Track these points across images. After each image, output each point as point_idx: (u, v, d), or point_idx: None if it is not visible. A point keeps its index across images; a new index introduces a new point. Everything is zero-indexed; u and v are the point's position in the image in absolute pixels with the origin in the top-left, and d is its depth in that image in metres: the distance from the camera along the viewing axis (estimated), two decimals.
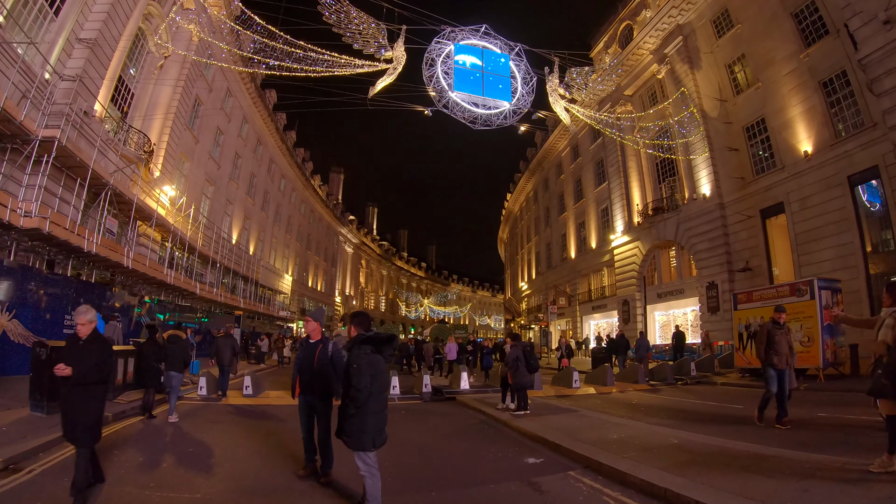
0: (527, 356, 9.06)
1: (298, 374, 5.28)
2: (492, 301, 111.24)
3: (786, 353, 7.70)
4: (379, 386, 3.95)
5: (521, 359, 8.96)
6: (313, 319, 5.50)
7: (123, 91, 20.37)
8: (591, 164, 35.93)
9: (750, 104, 21.76)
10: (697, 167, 24.71)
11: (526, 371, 8.97)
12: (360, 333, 4.16)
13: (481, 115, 15.42)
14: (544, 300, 42.88)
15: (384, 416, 4.08)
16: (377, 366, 3.95)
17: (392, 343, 4.17)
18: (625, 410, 9.86)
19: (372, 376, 3.88)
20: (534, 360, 9.16)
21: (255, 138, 35.46)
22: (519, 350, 9.12)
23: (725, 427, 7.64)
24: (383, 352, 4.06)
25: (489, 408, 9.76)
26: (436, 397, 12.09)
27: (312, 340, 5.39)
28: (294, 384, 5.33)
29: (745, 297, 15.96)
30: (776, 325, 7.92)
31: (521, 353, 9.04)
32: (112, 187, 15.86)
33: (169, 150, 22.43)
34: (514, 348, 9.17)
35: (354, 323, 4.34)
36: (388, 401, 11.36)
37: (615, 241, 31.06)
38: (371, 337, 4.06)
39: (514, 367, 8.96)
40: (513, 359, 9.00)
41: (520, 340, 9.60)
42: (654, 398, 11.96)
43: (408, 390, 12.89)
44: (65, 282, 13.36)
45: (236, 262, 28.92)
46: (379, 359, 4.00)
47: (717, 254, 23.22)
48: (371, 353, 3.97)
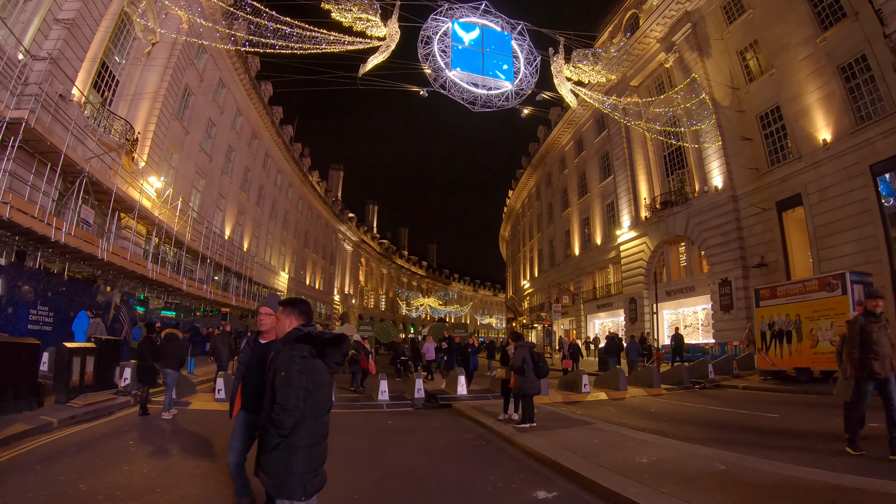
0: (535, 358, 7.84)
1: (241, 385, 3.86)
2: (493, 300, 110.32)
3: (889, 355, 5.53)
4: (316, 405, 2.74)
5: (529, 361, 7.74)
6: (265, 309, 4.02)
7: (107, 77, 19.36)
8: (595, 158, 34.87)
9: (764, 92, 20.84)
10: (708, 158, 23.74)
11: (534, 376, 7.75)
12: (298, 328, 2.95)
13: (481, 95, 14.33)
14: (547, 299, 41.85)
15: (321, 449, 2.81)
16: (316, 376, 2.74)
17: (341, 346, 2.92)
18: (646, 421, 8.77)
19: (307, 391, 2.69)
20: (543, 362, 7.90)
21: (249, 131, 34.43)
22: (525, 351, 7.89)
23: (773, 443, 6.54)
24: (327, 357, 2.83)
25: (489, 418, 8.65)
26: (429, 404, 10.97)
27: (264, 340, 3.94)
28: (233, 398, 3.90)
29: (767, 292, 14.85)
30: (871, 317, 5.76)
31: (528, 355, 7.81)
32: (88, 175, 14.86)
33: (156, 141, 21.41)
34: (520, 349, 7.96)
35: (289, 310, 3.13)
36: (377, 408, 10.09)
37: (621, 237, 30.00)
38: (311, 335, 2.83)
39: (520, 370, 7.76)
40: (520, 361, 7.76)
41: (523, 340, 8.42)
42: (675, 405, 10.87)
43: (398, 396, 11.80)
44: (29, 274, 12.32)
45: (228, 258, 27.90)
46: (319, 366, 2.79)
47: (731, 249, 22.23)
48: (309, 358, 2.75)
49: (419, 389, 11.16)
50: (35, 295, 12.16)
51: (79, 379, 8.86)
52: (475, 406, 10.12)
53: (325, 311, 56.49)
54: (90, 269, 15.84)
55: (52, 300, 12.66)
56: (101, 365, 9.92)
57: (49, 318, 12.44)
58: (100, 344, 10.02)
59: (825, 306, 12.23)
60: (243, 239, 33.57)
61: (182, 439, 7.17)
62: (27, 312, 11.83)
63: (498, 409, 9.09)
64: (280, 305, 3.23)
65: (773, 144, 20.56)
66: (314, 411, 2.72)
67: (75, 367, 8.75)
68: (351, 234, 65.55)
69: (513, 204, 59.65)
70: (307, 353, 2.74)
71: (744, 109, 22.01)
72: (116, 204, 17.13)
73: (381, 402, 10.97)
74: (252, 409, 3.71)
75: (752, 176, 21.32)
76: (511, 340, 8.87)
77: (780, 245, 20.21)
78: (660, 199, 27.11)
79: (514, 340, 8.57)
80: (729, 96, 22.70)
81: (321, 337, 2.84)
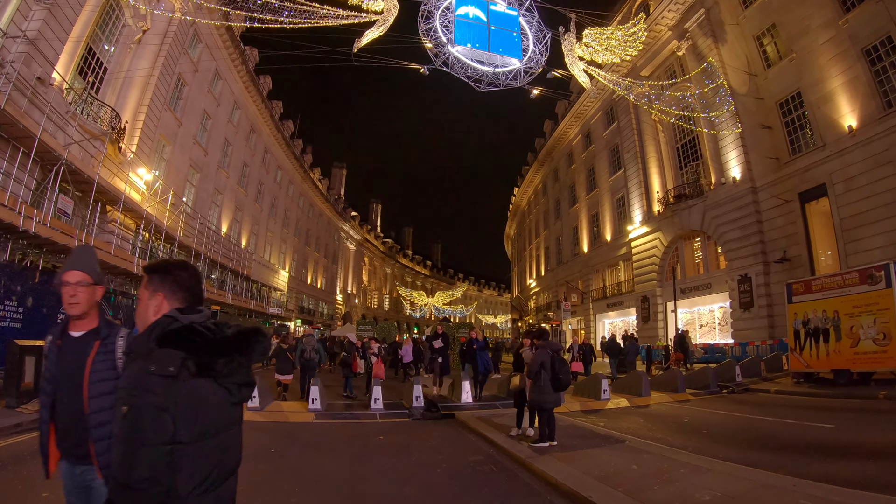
0: (555, 364, 6.38)
1: (51, 416, 2.20)
2: (498, 300, 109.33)
3: None
4: (205, 469, 1.35)
5: (548, 367, 6.36)
6: (75, 274, 2.24)
7: (94, 64, 18.40)
8: (604, 152, 33.72)
9: (783, 77, 19.87)
10: (725, 148, 22.68)
11: (550, 387, 6.36)
12: (169, 316, 1.50)
13: (487, 73, 13.22)
14: (554, 297, 40.71)
15: None
16: (199, 412, 1.35)
17: (248, 352, 1.48)
18: (684, 436, 7.54)
19: (180, 445, 1.30)
20: (565, 373, 6.42)
21: (247, 125, 33.48)
22: (547, 354, 6.46)
23: (849, 465, 5.39)
24: (220, 374, 1.41)
25: (499, 434, 7.27)
26: (429, 414, 9.66)
27: (77, 332, 2.27)
28: (46, 442, 2.22)
29: (801, 287, 13.67)
30: None
31: (548, 359, 6.42)
32: (66, 162, 13.86)
33: (146, 131, 20.45)
34: (542, 351, 6.55)
35: (157, 283, 1.64)
36: (369, 418, 8.37)
37: (633, 233, 28.84)
38: (189, 332, 1.44)
39: (536, 377, 6.43)
40: (537, 366, 6.40)
41: (547, 339, 6.91)
42: (709, 414, 9.66)
43: (394, 404, 10.50)
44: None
45: (225, 256, 26.93)
46: (206, 393, 1.38)
47: (750, 243, 21.16)
48: (184, 377, 1.34)
49: (418, 396, 9.93)
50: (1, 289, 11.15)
51: (33, 381, 7.83)
52: (482, 417, 8.78)
53: (328, 311, 55.53)
54: (59, 258, 14.84)
55: (21, 295, 11.64)
56: None
57: (18, 314, 11.41)
58: None
59: (867, 301, 11.08)
60: (241, 236, 32.61)
61: None
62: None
63: (509, 422, 7.88)
64: (145, 273, 1.72)
65: (795, 133, 19.60)
66: (202, 479, 1.34)
67: (28, 367, 7.72)
68: (354, 233, 64.57)
69: (518, 201, 58.51)
70: (179, 368, 1.33)
71: (762, 97, 21.01)
72: (100, 195, 16.16)
73: (374, 410, 9.79)
74: (78, 455, 2.17)
75: (773, 166, 20.31)
76: (527, 340, 7.57)
77: (803, 238, 19.21)
78: (673, 192, 25.97)
79: (534, 339, 7.26)
80: (746, 83, 21.67)
81: (211, 335, 1.44)
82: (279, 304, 37.80)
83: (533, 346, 7.21)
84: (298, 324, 43.97)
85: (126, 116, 19.23)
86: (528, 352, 7.24)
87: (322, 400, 9.71)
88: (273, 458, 6.06)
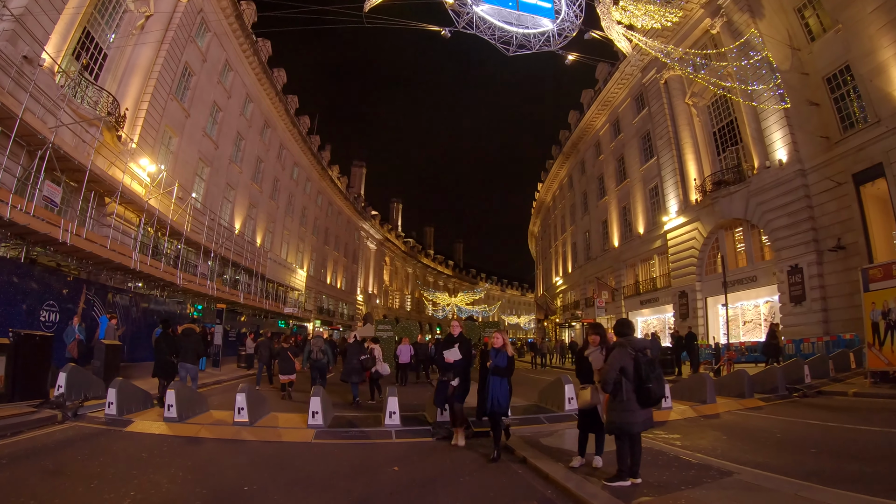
0: (641, 370, 4.48)
1: None
2: (521, 300, 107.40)
3: None
4: None
5: (630, 374, 4.51)
6: None
7: (92, 49, 17.42)
8: (635, 140, 31.70)
9: (829, 50, 18.08)
10: (769, 129, 20.70)
11: (635, 402, 4.51)
12: None
13: (516, 35, 11.59)
14: (583, 295, 38.76)
15: None
16: None
17: None
18: (792, 457, 5.68)
19: None
20: (656, 378, 4.48)
21: (261, 120, 32.45)
22: (628, 356, 4.55)
23: None
24: None
25: (556, 466, 5.30)
26: None
27: None
28: None
29: (881, 272, 11.65)
30: None
31: (630, 363, 4.53)
32: (54, 146, 12.73)
33: (149, 120, 19.41)
34: (620, 352, 4.64)
35: None
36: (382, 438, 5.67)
37: (669, 224, 26.79)
38: None
39: (614, 389, 4.57)
40: (615, 372, 4.53)
41: (630, 331, 4.94)
42: (797, 425, 7.76)
43: (413, 417, 8.40)
44: None
45: (238, 253, 25.85)
46: None
47: (800, 231, 19.16)
48: None
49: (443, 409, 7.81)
50: None
51: None
52: (527, 437, 6.82)
53: (348, 312, 54.46)
54: (57, 255, 13.73)
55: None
56: (21, 368, 7.64)
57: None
58: (17, 340, 7.68)
59: None
60: (255, 233, 31.56)
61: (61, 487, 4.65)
62: None
63: (561, 443, 6.11)
64: None
65: (845, 109, 17.75)
66: None
67: None
68: (374, 232, 63.44)
69: (542, 197, 56.51)
70: None
71: (807, 72, 19.05)
72: (95, 185, 15.12)
73: (388, 427, 7.64)
74: None
75: (822, 146, 18.38)
76: (595, 337, 5.45)
77: (859, 224, 17.24)
78: (711, 179, 23.92)
79: (600, 334, 5.42)
80: (789, 58, 19.75)
81: None
82: (297, 305, 36.73)
83: (603, 345, 5.30)
84: (317, 324, 42.90)
85: (127, 104, 18.21)
86: (598, 354, 5.26)
87: (325, 413, 7.77)
88: None
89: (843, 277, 17.21)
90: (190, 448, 6.34)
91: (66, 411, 7.71)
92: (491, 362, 6.03)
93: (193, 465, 5.54)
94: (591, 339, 5.48)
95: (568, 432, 6.92)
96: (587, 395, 5.28)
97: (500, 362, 5.98)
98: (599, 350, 5.30)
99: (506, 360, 6.01)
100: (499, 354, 6.04)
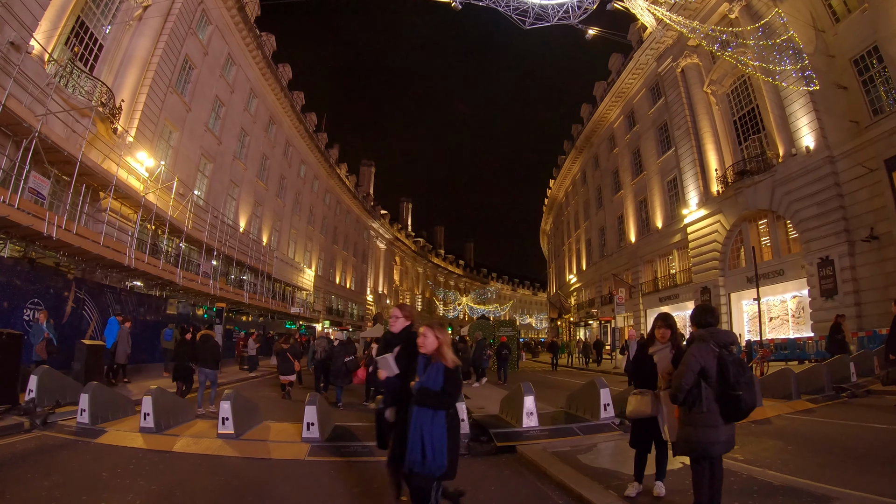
0: (727, 373, 3.36)
1: None
2: (533, 299, 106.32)
3: None
4: None
5: (713, 378, 3.40)
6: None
7: (87, 39, 16.76)
8: (651, 131, 30.55)
9: (855, 31, 17.15)
10: (794, 115, 19.64)
11: (719, 415, 3.41)
12: None
13: (533, 5, 10.67)
14: (598, 293, 37.63)
15: None
16: None
17: None
18: (877, 470, 4.72)
19: None
20: (745, 382, 3.34)
21: (266, 116, 31.75)
22: (711, 354, 3.44)
23: None
24: None
25: (605, 495, 4.25)
26: (477, 447, 6.33)
27: None
28: None
29: None
30: None
31: (713, 363, 3.42)
32: (41, 136, 12.00)
33: (147, 113, 18.74)
34: (701, 349, 3.48)
35: None
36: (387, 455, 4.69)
37: (689, 217, 25.63)
38: None
39: (691, 399, 3.42)
40: (692, 378, 3.41)
41: (713, 319, 3.70)
42: (863, 430, 6.71)
43: None
44: None
45: (242, 252, 25.12)
46: None
47: (831, 220, 18.09)
48: None
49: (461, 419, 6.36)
50: None
51: None
52: (562, 454, 5.60)
53: (358, 312, 53.74)
54: (48, 252, 13.01)
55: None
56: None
57: None
58: None
59: None
60: (261, 232, 30.84)
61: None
62: None
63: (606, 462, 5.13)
64: None
65: (874, 92, 16.78)
66: None
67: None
68: (384, 231, 62.69)
69: (555, 193, 55.34)
70: None
71: (833, 54, 18.02)
72: (87, 178, 14.37)
73: None
74: None
75: (851, 131, 17.33)
76: (665, 331, 4.22)
77: (893, 212, 16.21)
78: (734, 169, 22.78)
79: (667, 327, 4.22)
80: (813, 41, 18.75)
81: None
82: (305, 305, 36.00)
83: (674, 342, 4.13)
84: (326, 325, 42.20)
85: (123, 96, 17.50)
86: (666, 353, 4.12)
87: (323, 424, 6.65)
88: None
89: (878, 269, 16.32)
90: (162, 466, 5.43)
91: (35, 418, 6.91)
92: (416, 381, 3.51)
93: (158, 490, 4.62)
94: (661, 335, 4.21)
95: (607, 446, 5.97)
96: (644, 404, 4.10)
97: (430, 382, 3.41)
98: (668, 348, 4.12)
99: (441, 377, 3.41)
100: (430, 368, 3.48)
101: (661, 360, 4.12)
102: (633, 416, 4.23)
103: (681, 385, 3.41)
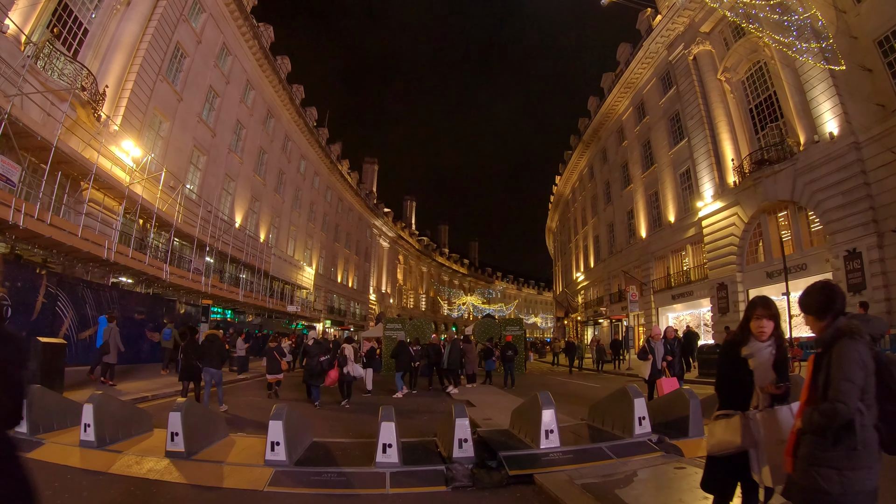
0: (890, 381, 2.03)
1: None
2: (538, 299, 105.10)
3: None
4: None
5: (871, 392, 2.01)
6: None
7: (70, 23, 15.83)
8: (662, 122, 29.41)
9: (879, 11, 16.16)
10: (815, 100, 18.53)
11: (877, 448, 2.00)
12: None
13: None
14: (607, 291, 36.50)
15: None
16: None
17: None
18: None
19: None
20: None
21: (264, 109, 30.82)
22: (867, 354, 2.04)
23: None
24: None
25: None
26: (484, 476, 4.98)
27: None
28: None
29: None
30: None
31: (871, 370, 2.02)
32: (11, 118, 11.07)
33: (134, 101, 17.82)
34: (853, 347, 2.07)
35: None
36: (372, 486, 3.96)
37: (703, 210, 24.46)
38: None
39: (836, 427, 2.00)
40: (858, 391, 1.98)
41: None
42: None
43: (418, 450, 5.78)
44: None
45: (237, 248, 24.20)
46: None
47: (858, 210, 16.96)
48: None
49: (463, 440, 5.29)
50: None
51: None
52: (594, 488, 4.38)
53: (360, 311, 52.77)
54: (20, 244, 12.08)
55: None
56: None
57: None
58: None
59: None
60: (258, 228, 29.88)
61: None
62: None
63: (652, 498, 4.17)
64: None
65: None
66: None
67: None
68: (387, 230, 61.70)
69: (561, 190, 54.16)
70: None
71: (855, 35, 16.94)
72: (65, 166, 13.46)
73: (381, 467, 5.06)
74: None
75: (878, 116, 16.21)
76: (768, 322, 2.70)
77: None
78: (751, 158, 21.64)
79: (770, 317, 2.72)
80: (834, 21, 17.64)
81: None
82: (305, 304, 35.05)
83: (778, 338, 2.73)
84: (328, 325, 41.26)
85: (108, 82, 16.57)
86: (768, 354, 2.71)
87: (291, 444, 5.27)
88: None
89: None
90: (86, 493, 4.40)
91: None
92: None
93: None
94: (759, 328, 2.74)
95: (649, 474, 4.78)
96: (731, 432, 2.69)
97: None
98: (771, 347, 2.73)
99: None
100: None
101: (760, 366, 2.72)
102: (716, 451, 2.80)
103: (835, 410, 2.03)
